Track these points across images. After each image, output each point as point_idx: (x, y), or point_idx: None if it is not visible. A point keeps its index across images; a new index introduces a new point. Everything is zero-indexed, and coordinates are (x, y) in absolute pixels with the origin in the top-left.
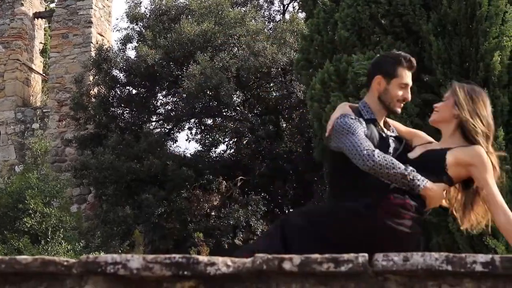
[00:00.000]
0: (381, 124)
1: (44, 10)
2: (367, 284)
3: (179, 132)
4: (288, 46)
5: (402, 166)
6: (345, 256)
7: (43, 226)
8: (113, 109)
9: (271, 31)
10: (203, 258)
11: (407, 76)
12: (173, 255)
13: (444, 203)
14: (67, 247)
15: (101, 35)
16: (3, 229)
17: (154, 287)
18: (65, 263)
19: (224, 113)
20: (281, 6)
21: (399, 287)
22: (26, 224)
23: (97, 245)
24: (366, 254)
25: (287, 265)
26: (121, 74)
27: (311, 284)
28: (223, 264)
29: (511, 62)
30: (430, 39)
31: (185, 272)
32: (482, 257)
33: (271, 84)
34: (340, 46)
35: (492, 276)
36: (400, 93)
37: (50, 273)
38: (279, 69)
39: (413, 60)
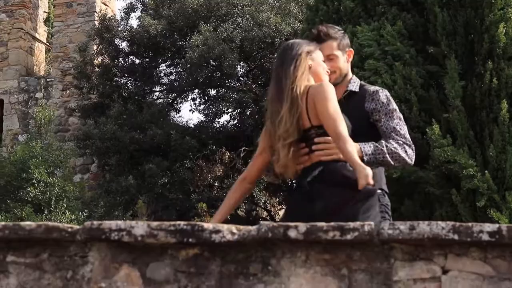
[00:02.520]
0: None
1: None
2: (373, 253)
3: (182, 103)
4: (292, 16)
5: None
6: (351, 224)
7: (47, 195)
8: (117, 78)
9: (275, 2)
10: (208, 225)
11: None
12: (178, 222)
13: None
14: (70, 217)
15: (105, 4)
16: (7, 198)
17: (158, 254)
18: (69, 230)
19: (228, 84)
20: None
21: (405, 256)
22: (30, 193)
23: (100, 215)
24: (372, 223)
25: (292, 233)
26: (124, 44)
27: (316, 252)
28: (228, 231)
29: None
30: (435, 10)
31: (190, 239)
32: (489, 227)
33: (275, 55)
34: (345, 17)
35: (498, 246)
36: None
37: (53, 239)
38: (283, 39)
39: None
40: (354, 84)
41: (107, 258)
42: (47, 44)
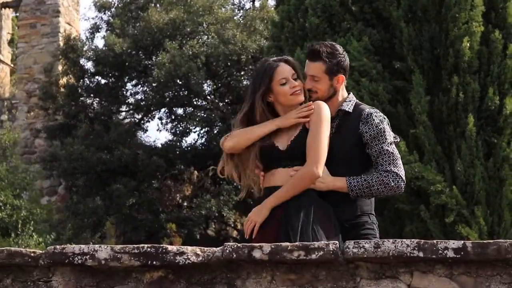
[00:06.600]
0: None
1: None
2: (338, 272)
3: (149, 122)
4: (258, 33)
5: None
6: (316, 244)
7: (13, 218)
8: (82, 99)
9: (240, 19)
10: (172, 248)
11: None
12: (142, 245)
13: None
14: (38, 240)
15: (70, 25)
16: None
17: (122, 277)
18: (32, 255)
19: (195, 102)
20: None
21: (371, 274)
22: None
23: (68, 237)
24: (337, 242)
25: (257, 254)
26: (89, 64)
27: (281, 272)
28: (192, 253)
29: (481, 48)
30: (400, 25)
31: (154, 262)
32: (453, 243)
33: (242, 73)
34: (311, 33)
35: (464, 262)
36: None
37: (16, 264)
38: (250, 56)
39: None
40: (349, 103)
41: (71, 282)
42: (12, 65)
